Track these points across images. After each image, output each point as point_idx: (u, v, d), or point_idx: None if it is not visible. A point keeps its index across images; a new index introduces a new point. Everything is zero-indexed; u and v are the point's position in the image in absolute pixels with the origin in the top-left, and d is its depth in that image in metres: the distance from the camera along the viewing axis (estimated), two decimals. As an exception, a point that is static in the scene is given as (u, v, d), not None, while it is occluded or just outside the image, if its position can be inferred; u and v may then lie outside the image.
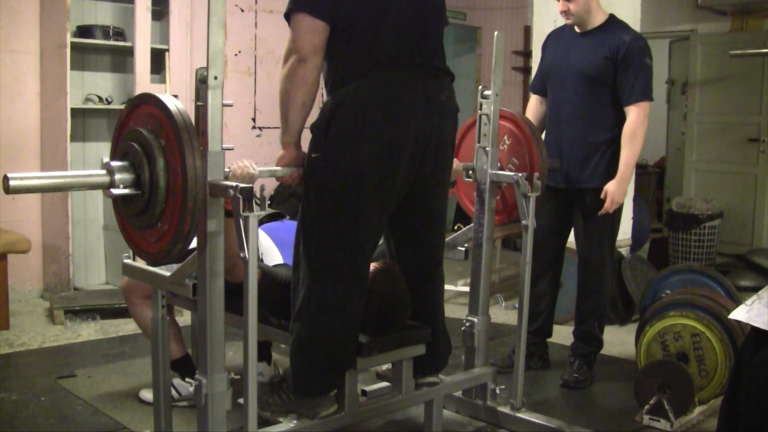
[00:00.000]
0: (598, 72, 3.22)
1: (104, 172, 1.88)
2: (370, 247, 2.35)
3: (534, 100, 3.56)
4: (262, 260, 2.68)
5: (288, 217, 3.06)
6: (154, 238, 1.93)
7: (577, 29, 3.33)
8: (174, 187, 1.84)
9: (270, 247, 2.74)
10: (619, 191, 3.20)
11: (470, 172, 2.85)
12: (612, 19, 3.29)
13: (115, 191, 1.88)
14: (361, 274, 2.32)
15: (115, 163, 1.90)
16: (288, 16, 2.21)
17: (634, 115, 3.18)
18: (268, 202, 5.32)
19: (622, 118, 3.22)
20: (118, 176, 1.88)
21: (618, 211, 3.32)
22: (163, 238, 1.90)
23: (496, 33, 2.78)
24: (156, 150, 1.86)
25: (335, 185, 2.22)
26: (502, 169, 2.88)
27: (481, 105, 2.78)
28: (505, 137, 2.95)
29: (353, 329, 2.31)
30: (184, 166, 1.80)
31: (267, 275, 2.47)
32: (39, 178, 1.88)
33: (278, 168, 2.30)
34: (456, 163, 2.68)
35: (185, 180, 1.80)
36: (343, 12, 2.19)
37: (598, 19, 3.27)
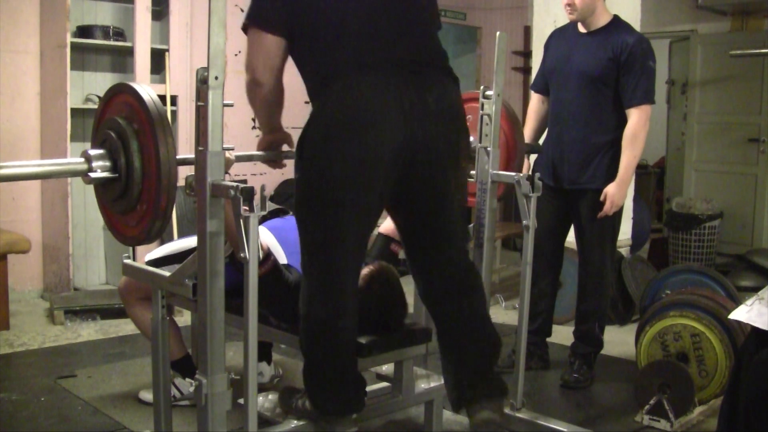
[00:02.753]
0: (601, 73, 3.21)
1: (82, 159, 1.97)
2: (357, 262, 2.23)
3: (536, 99, 3.56)
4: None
5: (291, 212, 3.02)
6: (134, 221, 2.01)
7: (580, 29, 3.32)
8: (149, 167, 1.91)
9: (274, 247, 2.69)
10: (619, 194, 3.20)
11: (471, 172, 2.85)
12: (616, 21, 3.28)
13: (93, 175, 1.96)
14: (350, 290, 2.19)
15: (92, 151, 1.98)
16: (245, 29, 2.14)
17: (636, 117, 3.18)
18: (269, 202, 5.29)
19: (623, 120, 3.22)
20: (95, 163, 1.96)
21: (618, 212, 3.32)
22: (143, 219, 1.98)
23: (498, 33, 2.76)
24: (130, 134, 1.94)
25: (314, 205, 2.13)
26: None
27: (482, 105, 2.78)
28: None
29: (351, 346, 2.24)
30: (156, 146, 1.87)
31: (278, 271, 2.39)
32: (19, 167, 1.96)
33: (255, 153, 2.38)
34: None
35: (158, 159, 1.87)
36: (300, 20, 2.09)
37: (602, 20, 3.26)
